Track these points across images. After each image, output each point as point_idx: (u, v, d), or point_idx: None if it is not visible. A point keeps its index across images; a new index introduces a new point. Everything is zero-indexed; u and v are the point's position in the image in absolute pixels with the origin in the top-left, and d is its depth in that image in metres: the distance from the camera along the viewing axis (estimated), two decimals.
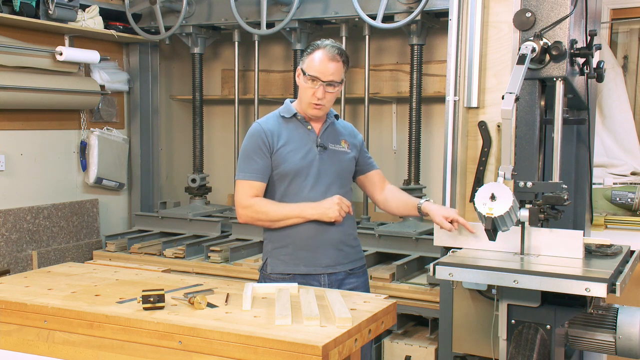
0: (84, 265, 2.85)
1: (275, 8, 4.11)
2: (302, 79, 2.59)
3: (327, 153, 2.65)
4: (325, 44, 2.57)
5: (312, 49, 2.58)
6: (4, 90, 3.80)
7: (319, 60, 2.54)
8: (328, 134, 2.68)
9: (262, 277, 2.71)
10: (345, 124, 2.81)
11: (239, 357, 1.85)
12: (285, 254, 2.63)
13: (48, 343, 2.12)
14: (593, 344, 2.35)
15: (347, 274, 2.67)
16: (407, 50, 4.12)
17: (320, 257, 2.61)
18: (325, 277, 2.62)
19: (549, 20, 2.23)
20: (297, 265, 2.61)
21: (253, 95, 4.49)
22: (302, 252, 2.61)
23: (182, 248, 4.09)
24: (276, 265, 2.64)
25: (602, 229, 3.66)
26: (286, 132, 2.63)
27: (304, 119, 2.66)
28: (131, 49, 4.75)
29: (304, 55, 2.60)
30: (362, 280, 2.73)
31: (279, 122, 2.65)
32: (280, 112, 2.69)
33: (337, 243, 2.64)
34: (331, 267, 2.63)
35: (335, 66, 2.54)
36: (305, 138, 2.64)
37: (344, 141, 2.71)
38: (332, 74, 2.54)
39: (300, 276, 2.60)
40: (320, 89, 2.55)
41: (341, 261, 2.66)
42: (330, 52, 2.54)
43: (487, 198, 2.05)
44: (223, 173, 5.04)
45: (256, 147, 2.60)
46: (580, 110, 2.69)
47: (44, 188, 4.21)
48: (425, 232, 3.73)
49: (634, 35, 4.81)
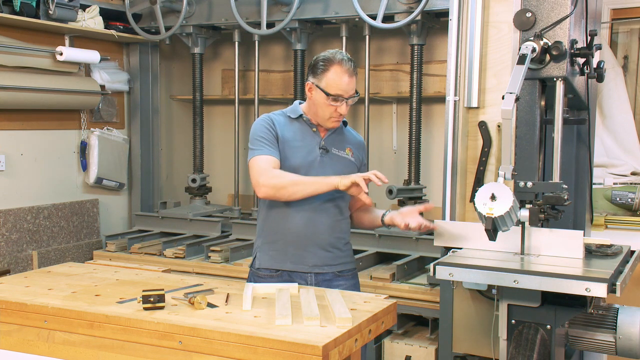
0: (84, 265, 2.85)
1: (276, 8, 4.11)
2: (321, 96, 2.54)
3: (329, 156, 2.64)
4: (337, 58, 2.52)
5: (325, 64, 2.52)
6: (4, 90, 3.80)
7: (339, 77, 2.51)
8: (333, 139, 2.68)
9: (251, 273, 2.71)
10: (355, 134, 2.81)
11: (239, 357, 1.85)
12: (274, 249, 2.63)
13: (48, 343, 2.12)
14: (593, 344, 2.35)
15: (336, 276, 2.66)
16: (407, 50, 4.12)
17: (308, 256, 2.60)
18: (312, 276, 2.61)
19: (549, 20, 2.23)
20: (284, 261, 2.61)
21: (253, 95, 4.49)
22: (291, 249, 2.60)
23: (182, 248, 4.09)
24: (264, 261, 2.64)
25: (602, 229, 3.66)
26: (291, 130, 2.63)
27: (310, 121, 2.65)
28: (131, 49, 4.75)
29: (317, 71, 2.54)
30: (351, 283, 2.71)
31: (285, 119, 2.65)
32: (286, 112, 2.68)
33: (325, 245, 2.63)
34: (318, 267, 2.62)
35: (354, 80, 2.55)
36: (309, 139, 2.64)
37: (349, 149, 2.71)
38: (353, 87, 2.55)
39: (287, 273, 2.60)
40: (343, 105, 2.54)
41: (329, 262, 2.64)
42: (347, 67, 2.52)
43: (488, 198, 2.05)
44: (223, 173, 5.04)
45: (265, 130, 2.59)
46: (581, 110, 2.69)
47: (44, 188, 4.21)
48: (426, 232, 3.73)
49: (634, 35, 4.81)
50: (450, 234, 2.53)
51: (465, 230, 2.50)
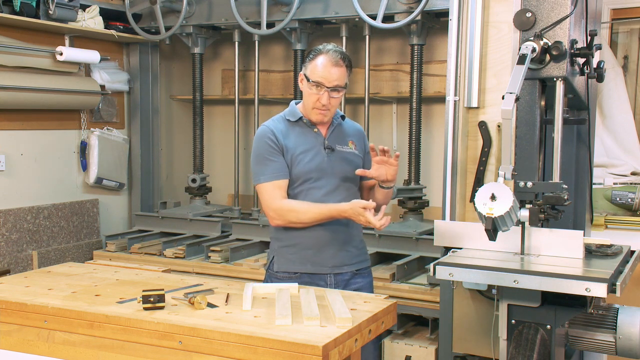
0: (84, 265, 2.85)
1: (276, 8, 4.11)
2: (306, 85, 2.57)
3: (335, 154, 2.64)
4: (327, 48, 2.55)
5: (315, 54, 2.56)
6: (4, 90, 3.80)
7: (322, 65, 2.52)
8: (335, 135, 2.68)
9: (268, 276, 2.70)
10: (352, 124, 2.80)
11: (239, 357, 1.85)
12: (292, 252, 2.62)
13: (48, 343, 2.12)
14: (593, 344, 2.35)
15: (353, 274, 2.68)
16: (407, 50, 4.12)
17: (326, 257, 2.61)
18: (332, 277, 2.62)
19: (549, 20, 2.22)
20: (303, 264, 2.61)
21: (253, 95, 4.49)
22: (309, 252, 2.61)
23: (182, 248, 4.09)
24: (283, 264, 2.64)
25: (602, 229, 3.66)
26: (294, 135, 2.62)
27: (310, 122, 2.65)
28: (131, 49, 4.75)
29: (306, 61, 2.58)
30: (367, 281, 2.74)
31: (285, 125, 2.64)
32: (285, 115, 2.67)
33: (342, 244, 2.64)
34: (337, 267, 2.63)
35: (339, 71, 2.53)
36: (313, 141, 2.63)
37: (351, 142, 2.71)
38: (337, 79, 2.53)
39: (307, 275, 2.60)
40: (325, 94, 2.53)
41: (347, 262, 2.65)
42: (334, 57, 2.52)
43: (488, 198, 2.05)
44: (223, 173, 5.04)
45: (268, 148, 2.58)
46: (581, 110, 2.69)
47: (44, 188, 4.21)
48: (426, 232, 3.74)
49: (634, 35, 4.81)
50: (450, 234, 2.53)
51: (465, 230, 2.49)
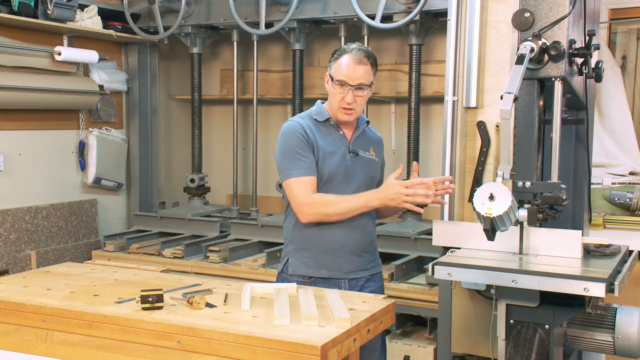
0: (83, 265, 2.85)
1: (274, 8, 4.11)
2: (331, 84, 2.57)
3: (358, 159, 2.65)
4: (351, 47, 2.56)
5: (339, 53, 2.56)
6: (3, 90, 3.80)
7: (346, 64, 2.52)
8: (360, 140, 2.68)
9: (281, 279, 2.68)
10: (375, 132, 2.81)
11: (237, 357, 1.85)
12: (308, 256, 2.61)
13: (46, 343, 2.11)
14: (592, 344, 2.35)
15: (367, 279, 2.68)
16: (406, 50, 4.12)
17: (343, 263, 2.61)
18: (347, 281, 2.62)
19: (547, 20, 2.23)
20: (319, 268, 2.60)
21: (252, 95, 4.49)
22: (325, 256, 2.60)
23: (181, 248, 4.09)
24: (298, 267, 2.63)
25: (601, 229, 3.66)
26: (321, 135, 2.61)
27: (337, 124, 2.64)
28: (130, 48, 4.75)
29: (331, 61, 2.58)
30: (379, 285, 2.74)
31: (313, 124, 2.63)
32: (312, 114, 2.65)
33: (359, 250, 2.63)
34: (353, 272, 2.63)
35: (363, 69, 2.53)
36: (338, 143, 2.63)
37: (372, 149, 2.72)
38: (361, 77, 2.52)
39: (322, 280, 2.59)
40: (349, 93, 2.53)
41: (362, 267, 2.65)
42: (357, 56, 2.52)
43: (486, 198, 2.05)
44: (222, 173, 5.04)
45: (300, 143, 2.55)
46: (579, 110, 2.69)
47: (42, 188, 4.21)
48: (424, 232, 3.74)
49: (633, 35, 4.82)
50: (449, 233, 2.53)
51: (464, 230, 2.49)
